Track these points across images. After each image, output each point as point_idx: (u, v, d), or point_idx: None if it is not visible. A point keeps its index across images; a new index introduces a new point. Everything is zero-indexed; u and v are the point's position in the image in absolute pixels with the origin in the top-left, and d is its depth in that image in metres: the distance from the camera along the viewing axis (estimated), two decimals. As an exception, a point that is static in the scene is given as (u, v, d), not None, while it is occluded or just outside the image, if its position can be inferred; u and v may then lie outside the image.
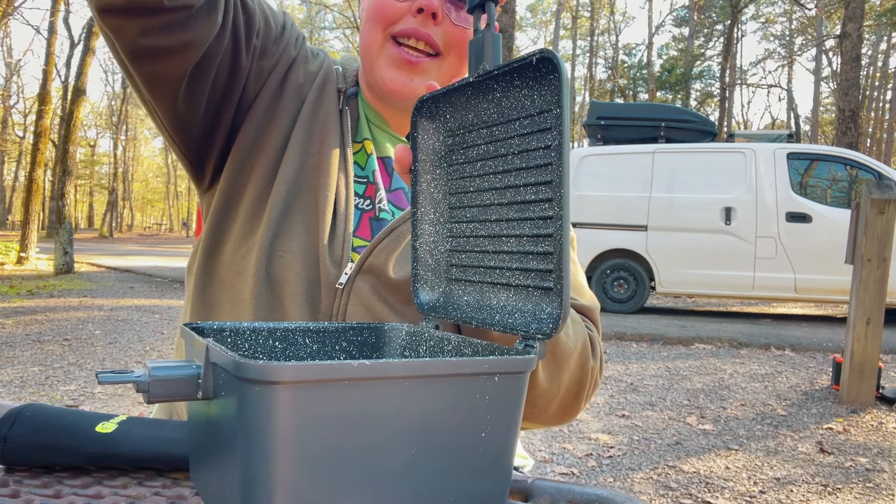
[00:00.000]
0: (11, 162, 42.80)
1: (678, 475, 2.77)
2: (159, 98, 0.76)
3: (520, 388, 0.47)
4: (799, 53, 35.20)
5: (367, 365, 0.40)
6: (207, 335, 0.57)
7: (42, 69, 13.15)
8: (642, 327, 6.35)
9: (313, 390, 0.39)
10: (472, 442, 0.45)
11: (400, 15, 0.78)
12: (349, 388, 0.40)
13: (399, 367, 0.42)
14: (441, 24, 0.79)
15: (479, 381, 0.45)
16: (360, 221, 0.83)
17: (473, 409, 0.45)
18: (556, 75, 0.48)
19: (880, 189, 3.90)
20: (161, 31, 0.69)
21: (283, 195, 0.80)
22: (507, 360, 0.46)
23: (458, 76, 0.82)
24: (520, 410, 0.48)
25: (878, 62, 33.88)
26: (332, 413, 0.40)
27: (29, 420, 0.60)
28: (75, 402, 3.57)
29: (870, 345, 3.84)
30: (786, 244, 6.81)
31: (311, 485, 0.40)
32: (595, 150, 7.64)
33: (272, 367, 0.38)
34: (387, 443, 0.42)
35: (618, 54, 33.37)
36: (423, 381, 0.43)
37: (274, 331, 0.61)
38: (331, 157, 0.82)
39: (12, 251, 12.63)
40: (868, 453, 3.07)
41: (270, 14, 0.83)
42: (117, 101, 42.94)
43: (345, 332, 0.63)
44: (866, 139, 32.53)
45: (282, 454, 0.39)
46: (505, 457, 0.47)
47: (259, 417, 0.39)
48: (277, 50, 0.84)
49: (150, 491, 0.57)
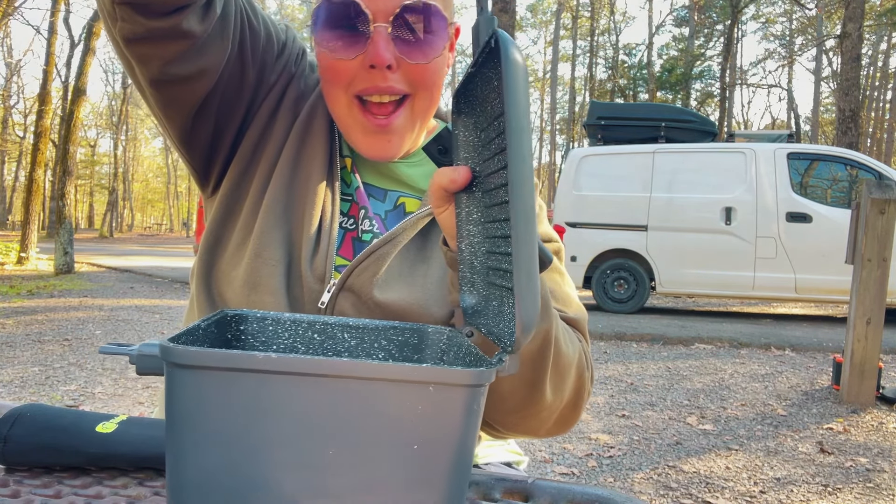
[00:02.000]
0: (11, 162, 42.81)
1: (678, 475, 2.77)
2: (174, 118, 0.78)
3: (461, 403, 0.43)
4: (799, 53, 35.21)
5: (273, 358, 0.41)
6: (251, 322, 0.61)
7: (42, 69, 13.15)
8: (642, 327, 6.35)
9: (217, 377, 0.41)
10: (401, 453, 0.43)
11: (354, 73, 0.75)
12: (257, 379, 0.41)
13: (307, 363, 0.41)
14: (399, 69, 0.76)
15: (406, 388, 0.42)
16: (342, 241, 0.83)
17: (400, 418, 0.42)
18: (504, 55, 0.45)
19: (880, 189, 3.90)
20: (181, 59, 0.71)
21: (272, 208, 0.80)
22: (442, 371, 0.42)
23: (432, 106, 0.82)
24: (465, 426, 0.44)
25: (878, 62, 33.89)
26: (239, 401, 0.41)
27: (29, 420, 0.60)
28: (75, 402, 3.57)
29: (870, 345, 3.84)
30: (786, 244, 6.81)
31: (223, 469, 0.42)
32: (595, 150, 7.64)
33: (175, 349, 0.41)
34: (301, 439, 0.42)
35: (618, 54, 33.36)
36: (338, 381, 0.41)
37: (313, 323, 0.61)
38: (319, 173, 0.82)
39: (12, 251, 12.64)
40: (868, 453, 3.06)
41: (274, 31, 0.84)
42: (117, 101, 42.96)
43: (385, 331, 0.62)
44: (866, 139, 32.53)
45: (188, 435, 0.42)
46: (443, 475, 0.44)
47: (169, 396, 0.42)
48: (278, 66, 0.85)
49: (150, 491, 0.57)
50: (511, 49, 0.45)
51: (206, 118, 0.79)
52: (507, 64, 0.45)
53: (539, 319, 0.68)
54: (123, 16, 0.67)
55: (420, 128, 0.82)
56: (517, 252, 0.45)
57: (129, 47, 0.70)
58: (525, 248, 0.45)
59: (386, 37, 0.73)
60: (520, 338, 0.46)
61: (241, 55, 0.78)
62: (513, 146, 0.45)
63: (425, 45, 0.75)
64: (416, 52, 0.75)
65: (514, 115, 0.45)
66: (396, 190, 0.87)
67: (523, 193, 0.45)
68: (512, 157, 0.45)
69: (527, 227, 0.45)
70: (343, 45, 0.74)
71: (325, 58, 0.76)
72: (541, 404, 0.73)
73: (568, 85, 41.24)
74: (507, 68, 0.45)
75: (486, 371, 0.44)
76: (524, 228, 0.45)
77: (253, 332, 0.62)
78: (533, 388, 0.72)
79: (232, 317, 0.60)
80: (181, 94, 0.75)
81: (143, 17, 0.66)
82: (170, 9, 0.67)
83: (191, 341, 0.49)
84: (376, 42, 0.73)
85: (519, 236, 0.45)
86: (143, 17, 0.66)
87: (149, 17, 0.66)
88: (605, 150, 7.59)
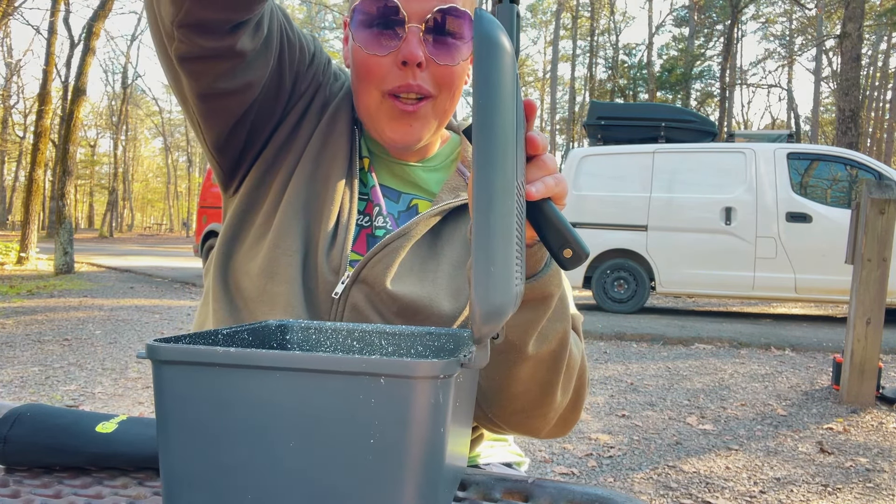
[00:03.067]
0: (11, 162, 42.80)
1: (678, 475, 2.77)
2: (213, 127, 0.82)
3: (421, 396, 0.41)
4: (799, 53, 35.21)
5: (232, 352, 0.43)
6: (296, 331, 0.64)
7: (42, 69, 13.15)
8: (642, 327, 6.35)
9: (190, 371, 0.44)
10: (360, 446, 0.42)
11: (387, 70, 0.80)
12: (222, 373, 0.43)
13: (261, 357, 0.42)
14: (427, 69, 0.80)
15: (357, 380, 0.41)
16: (358, 237, 0.86)
17: (354, 411, 0.42)
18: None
19: (880, 189, 3.90)
20: (231, 74, 0.75)
21: (292, 202, 0.83)
22: (391, 363, 0.41)
23: (452, 109, 0.86)
24: (428, 421, 0.42)
25: (878, 62, 33.89)
26: (207, 394, 0.44)
27: (29, 420, 0.60)
28: (75, 402, 3.57)
29: (870, 345, 3.84)
30: (786, 244, 6.81)
31: (197, 458, 0.45)
32: (595, 150, 7.65)
33: (155, 346, 0.44)
34: (263, 431, 0.43)
35: (618, 54, 33.34)
36: (294, 373, 0.42)
37: (353, 331, 0.63)
38: (340, 170, 0.85)
39: (12, 251, 12.63)
40: (868, 453, 3.07)
41: (305, 42, 0.87)
42: (117, 101, 42.92)
43: (422, 337, 0.62)
44: (866, 139, 32.53)
45: (169, 427, 0.45)
46: (408, 471, 0.42)
47: (155, 391, 0.46)
48: (309, 75, 0.88)
49: (150, 491, 0.57)
50: (484, 23, 0.44)
51: (243, 126, 0.83)
52: (476, 38, 0.43)
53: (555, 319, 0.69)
54: (181, 37, 0.70)
55: (438, 127, 0.86)
56: (479, 231, 0.42)
57: (182, 65, 0.73)
58: (496, 228, 0.42)
59: (419, 36, 0.78)
60: (480, 327, 0.42)
61: (279, 67, 0.82)
62: (477, 117, 0.43)
63: (453, 49, 0.80)
64: (445, 54, 0.80)
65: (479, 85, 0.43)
66: (410, 193, 0.90)
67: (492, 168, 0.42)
68: (476, 127, 0.43)
69: (499, 203, 0.42)
70: (378, 42, 0.79)
71: (359, 53, 0.81)
72: (551, 405, 0.75)
73: (568, 85, 41.24)
74: (476, 42, 0.43)
75: (445, 363, 0.42)
76: (495, 205, 0.42)
77: (298, 341, 0.64)
78: (547, 389, 0.73)
79: (277, 327, 0.63)
80: (226, 105, 0.79)
81: (201, 38, 0.69)
82: (227, 30, 0.70)
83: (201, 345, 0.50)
84: (409, 40, 0.78)
85: (486, 213, 0.42)
86: (200, 39, 0.69)
87: (206, 38, 0.69)
88: (605, 150, 7.59)
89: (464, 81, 0.85)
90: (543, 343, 0.70)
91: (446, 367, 0.42)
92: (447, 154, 0.94)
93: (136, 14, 37.35)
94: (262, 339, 0.61)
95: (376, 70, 0.80)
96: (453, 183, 0.88)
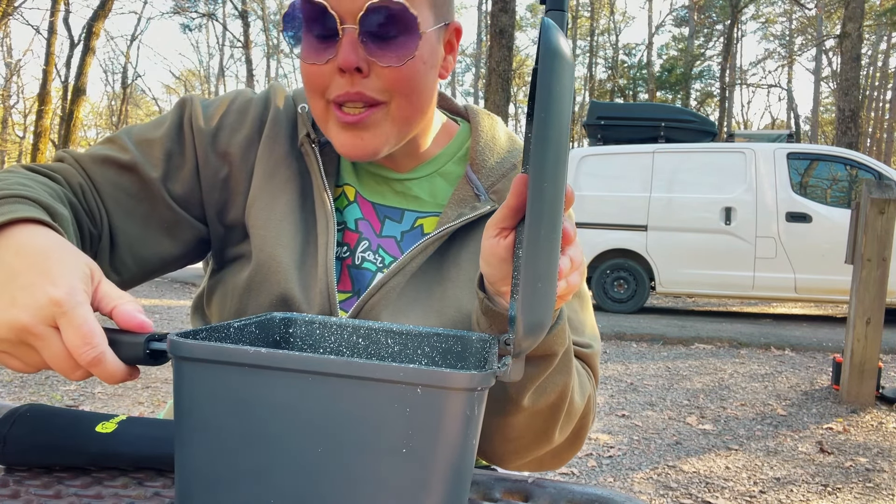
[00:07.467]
0: (11, 162, 42.81)
1: (678, 475, 2.77)
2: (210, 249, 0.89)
3: (455, 407, 0.41)
4: (799, 53, 35.20)
5: (263, 353, 0.42)
6: (300, 325, 0.63)
7: (42, 69, 13.16)
8: (642, 327, 6.35)
9: (213, 370, 0.42)
10: (390, 456, 0.42)
11: (328, 78, 0.71)
12: (249, 373, 0.42)
13: (293, 359, 0.41)
14: (372, 73, 0.70)
15: (393, 389, 0.41)
16: (340, 274, 0.80)
17: (387, 419, 0.41)
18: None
19: (880, 189, 3.90)
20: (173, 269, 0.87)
21: (251, 273, 0.78)
22: (429, 373, 0.40)
23: (415, 114, 0.75)
24: (461, 432, 0.42)
25: (878, 62, 33.87)
26: (231, 394, 0.42)
27: (29, 420, 0.60)
28: (75, 402, 3.57)
29: (870, 345, 3.84)
30: (786, 244, 6.81)
31: (217, 459, 0.43)
32: (595, 150, 7.65)
33: (179, 342, 0.43)
34: (289, 435, 0.42)
35: (618, 54, 33.34)
36: (326, 378, 0.41)
37: (358, 328, 0.62)
38: (295, 214, 0.79)
39: (12, 251, 12.60)
40: (868, 453, 3.07)
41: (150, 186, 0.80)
42: (117, 101, 42.90)
43: (429, 338, 0.61)
44: (866, 139, 32.53)
45: (188, 423, 0.44)
46: (438, 481, 0.42)
47: (175, 387, 0.44)
48: (184, 182, 0.81)
49: (150, 491, 0.57)
50: (550, 33, 0.43)
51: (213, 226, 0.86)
52: (541, 49, 0.43)
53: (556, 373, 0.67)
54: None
55: (402, 135, 0.76)
56: (534, 247, 0.42)
57: (146, 279, 0.90)
58: (546, 243, 0.43)
59: (354, 39, 0.68)
60: (521, 339, 0.43)
61: (193, 227, 0.83)
62: (538, 129, 0.42)
63: (396, 47, 0.69)
64: (388, 55, 0.70)
65: (543, 98, 0.43)
66: (414, 210, 0.83)
67: (550, 182, 0.42)
68: (536, 140, 0.42)
69: (551, 221, 0.42)
70: (314, 50, 0.70)
71: (301, 63, 0.73)
72: (546, 448, 0.74)
73: (568, 85, 41.12)
74: (541, 53, 0.43)
75: (483, 375, 0.41)
76: (548, 222, 0.42)
77: (301, 335, 0.63)
78: (542, 437, 0.72)
79: (281, 320, 0.62)
80: (195, 235, 0.84)
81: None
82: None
83: (216, 339, 0.49)
84: (343, 45, 0.68)
85: (541, 226, 0.42)
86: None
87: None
88: (605, 149, 7.59)
89: (427, 79, 0.74)
90: (541, 396, 0.67)
91: (484, 380, 0.41)
92: (454, 152, 0.85)
93: (136, 14, 37.35)
94: (267, 333, 0.60)
95: (318, 80, 0.72)
96: (461, 194, 0.80)
